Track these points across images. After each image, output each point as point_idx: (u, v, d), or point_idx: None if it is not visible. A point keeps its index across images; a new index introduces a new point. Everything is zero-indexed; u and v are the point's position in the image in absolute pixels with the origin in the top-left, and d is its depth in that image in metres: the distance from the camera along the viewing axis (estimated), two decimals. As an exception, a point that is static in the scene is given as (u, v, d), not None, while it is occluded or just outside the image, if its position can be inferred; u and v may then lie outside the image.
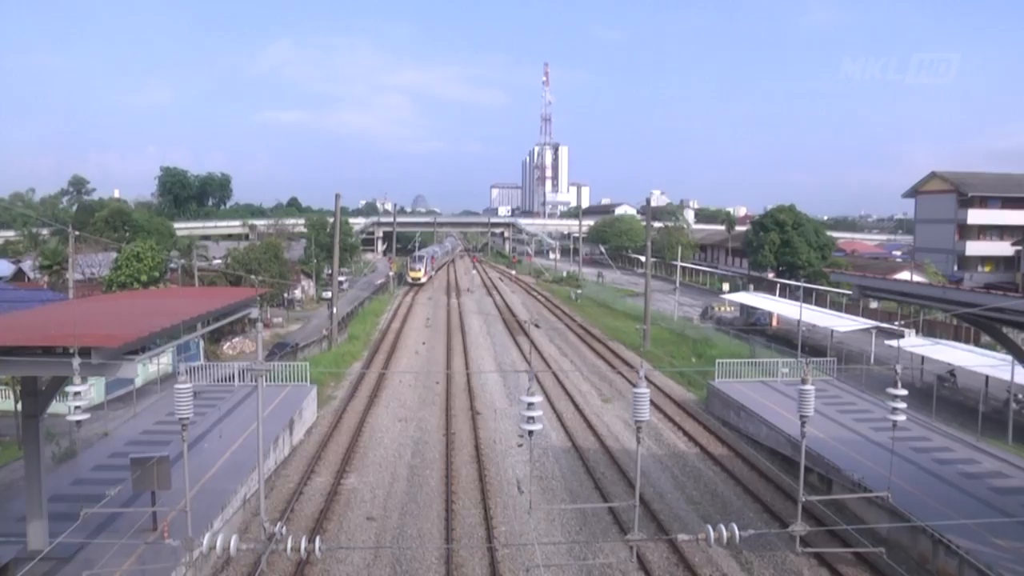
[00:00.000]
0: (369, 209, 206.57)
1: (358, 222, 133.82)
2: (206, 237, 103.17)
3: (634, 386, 10.47)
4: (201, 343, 37.01)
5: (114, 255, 49.80)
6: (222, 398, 25.95)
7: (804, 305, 38.64)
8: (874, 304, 49.59)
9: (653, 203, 62.66)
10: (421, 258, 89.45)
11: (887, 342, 35.21)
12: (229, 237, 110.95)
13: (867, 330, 37.58)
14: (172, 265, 58.92)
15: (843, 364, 31.98)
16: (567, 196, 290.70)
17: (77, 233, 50.28)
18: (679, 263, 61.98)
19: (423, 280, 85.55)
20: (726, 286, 70.36)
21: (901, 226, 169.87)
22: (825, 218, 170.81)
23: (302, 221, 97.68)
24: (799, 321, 37.54)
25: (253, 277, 46.09)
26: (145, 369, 29.70)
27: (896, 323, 40.12)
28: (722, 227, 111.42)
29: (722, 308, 56.44)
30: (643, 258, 65.88)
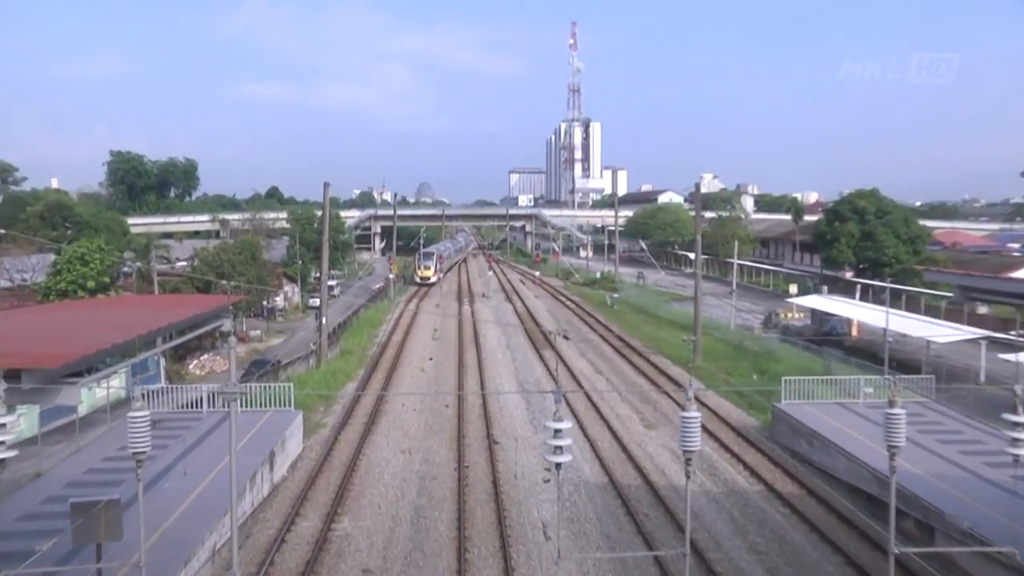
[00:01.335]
0: (364, 200, 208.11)
1: (351, 216, 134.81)
2: (168, 235, 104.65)
3: (682, 409, 10.38)
4: (161, 361, 37.37)
5: (52, 257, 50.45)
6: (187, 427, 26.15)
7: (891, 310, 38.19)
8: (983, 309, 48.97)
9: (704, 189, 62.27)
10: (430, 255, 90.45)
11: (1002, 356, 34.63)
12: (196, 235, 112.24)
13: (974, 341, 37.01)
14: (126, 269, 59.74)
15: (943, 383, 31.51)
16: (600, 182, 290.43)
17: (3, 231, 50.93)
18: (735, 260, 61.55)
19: (433, 280, 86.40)
20: (793, 288, 69.81)
21: (1021, 212, 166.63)
22: (917, 204, 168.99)
23: (284, 215, 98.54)
24: (885, 330, 37.09)
25: (225, 282, 46.53)
26: (91, 394, 30.01)
27: (1015, 332, 39.47)
28: (787, 217, 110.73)
29: (789, 314, 56.09)
30: (692, 255, 65.43)
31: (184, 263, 65.60)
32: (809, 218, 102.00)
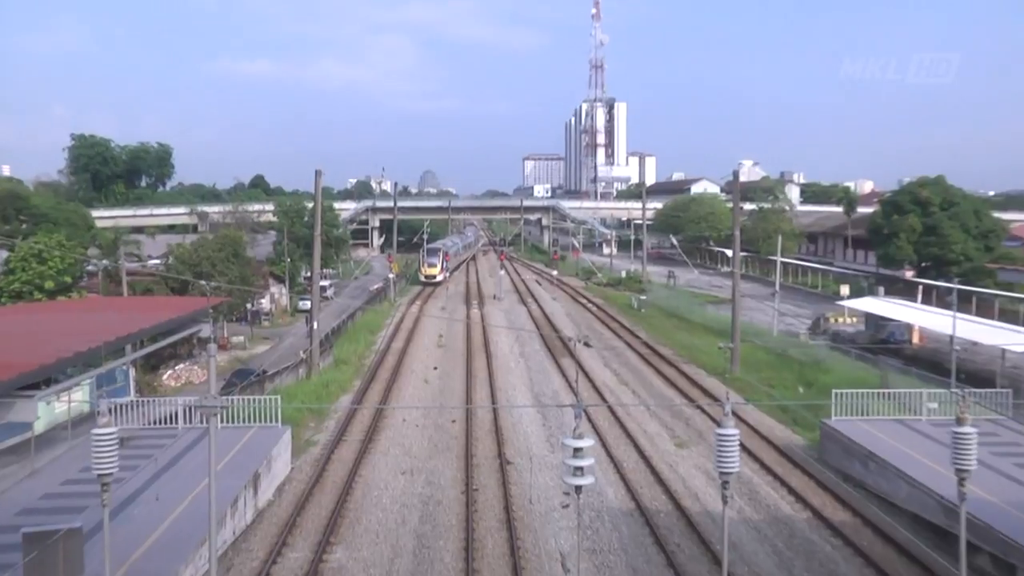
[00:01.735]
0: (361, 191, 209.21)
1: (347, 208, 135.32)
2: (138, 229, 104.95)
3: (718, 425, 10.34)
4: (131, 372, 37.63)
5: (4, 255, 50.79)
6: (160, 446, 26.26)
7: (959, 315, 37.88)
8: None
9: (743, 177, 62.36)
10: (436, 251, 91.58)
11: None
12: (171, 229, 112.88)
13: (1059, 350, 36.71)
14: (90, 267, 60.07)
15: (1022, 398, 31.24)
16: (626, 170, 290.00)
17: None
18: (779, 258, 61.26)
19: (439, 279, 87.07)
20: (845, 289, 69.30)
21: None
22: (991, 194, 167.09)
23: (270, 207, 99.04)
24: (952, 337, 36.79)
25: (204, 283, 46.75)
26: (50, 409, 30.20)
27: None
28: (838, 209, 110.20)
29: (840, 319, 55.84)
30: (729, 252, 65.18)
31: (157, 261, 65.87)
32: (863, 210, 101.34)
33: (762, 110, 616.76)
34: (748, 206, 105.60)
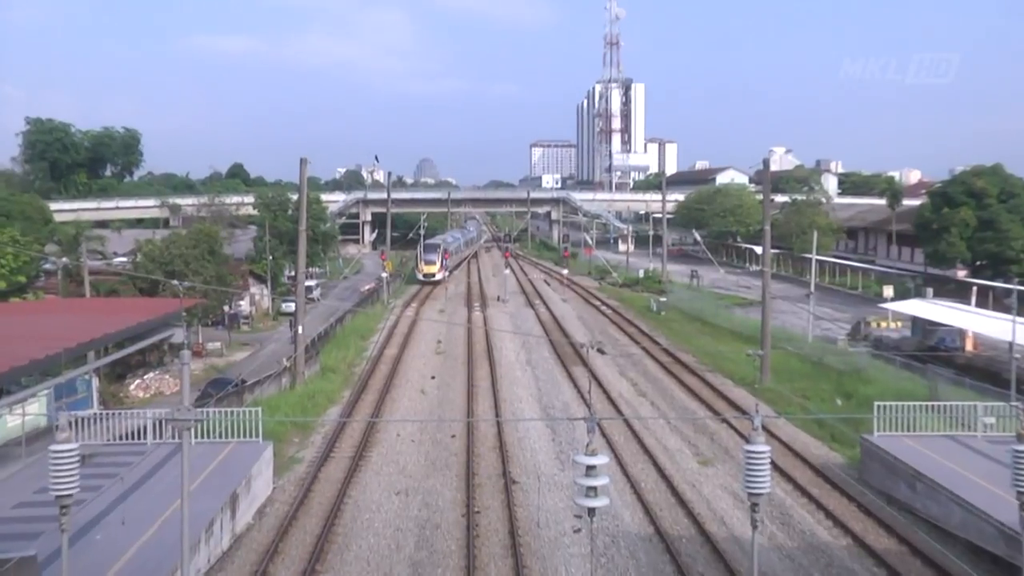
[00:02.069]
0: (351, 180, 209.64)
1: (335, 200, 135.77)
2: (102, 224, 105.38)
3: (747, 441, 10.27)
4: (94, 381, 37.56)
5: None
6: (127, 464, 26.21)
7: (1020, 319, 37.68)
8: None
9: (774, 166, 62.40)
10: (435, 247, 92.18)
11: None
12: (139, 223, 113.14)
13: None
14: (48, 265, 60.22)
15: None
16: (644, 158, 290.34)
17: None
18: (814, 256, 61.13)
19: (438, 277, 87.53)
20: (888, 290, 69.16)
21: None
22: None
23: (250, 199, 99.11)
24: (1011, 344, 36.64)
25: (176, 283, 46.74)
26: (1, 423, 30.17)
27: None
28: (881, 201, 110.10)
29: (883, 324, 55.78)
30: (759, 249, 64.95)
31: (124, 259, 65.99)
32: (909, 202, 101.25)
33: (795, 92, 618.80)
34: (780, 198, 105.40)
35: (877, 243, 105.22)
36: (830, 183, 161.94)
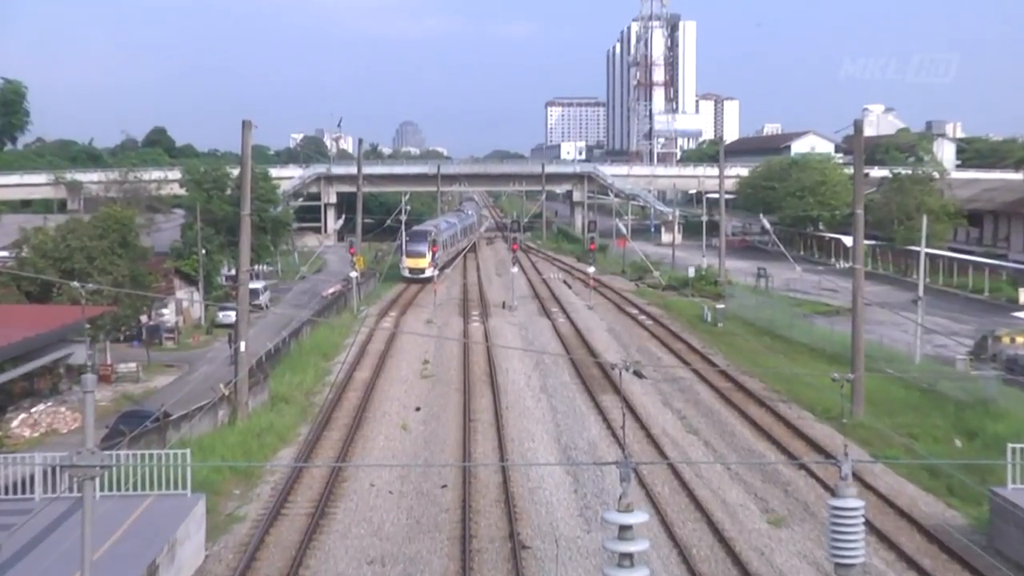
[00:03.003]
0: (310, 151, 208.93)
1: (289, 176, 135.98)
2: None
3: (833, 494, 10.21)
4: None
5: None
6: (7, 525, 26.21)
7: None
8: None
9: (870, 131, 61.70)
10: (425, 235, 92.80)
11: None
12: (25, 206, 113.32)
13: None
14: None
15: None
16: (695, 120, 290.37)
17: None
18: (923, 248, 60.83)
19: (428, 273, 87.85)
20: (1026, 294, 69.12)
21: None
22: None
23: (176, 175, 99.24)
24: None
25: (76, 285, 46.79)
26: None
27: None
28: (1016, 175, 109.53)
29: (1018, 339, 55.52)
30: (849, 240, 64.44)
31: (4, 253, 66.02)
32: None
33: (901, 30, 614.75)
34: (877, 172, 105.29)
35: (1011, 231, 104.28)
36: (946, 152, 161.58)
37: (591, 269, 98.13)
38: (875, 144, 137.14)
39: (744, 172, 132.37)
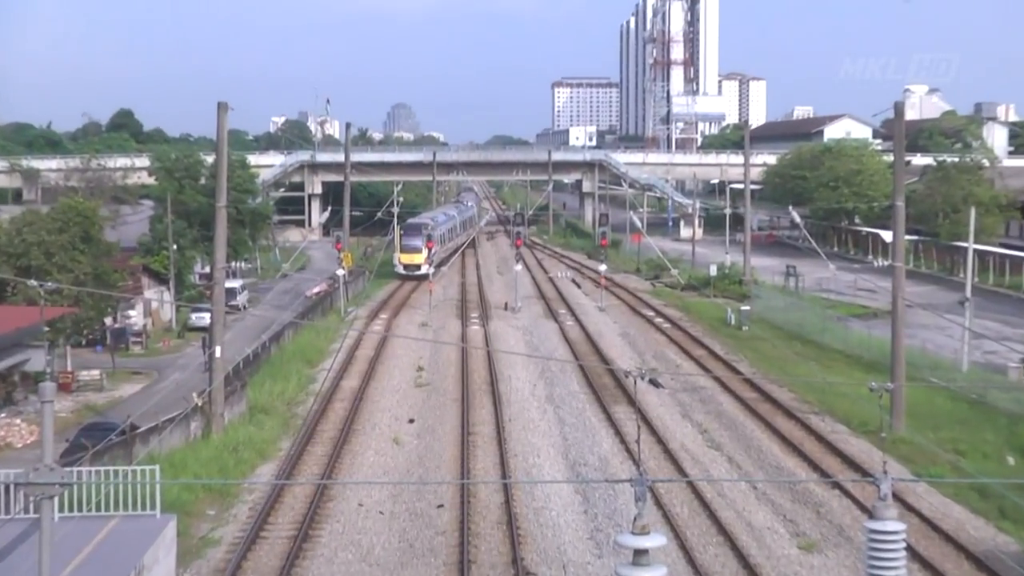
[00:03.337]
0: (293, 136, 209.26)
1: (269, 164, 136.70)
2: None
3: (871, 516, 10.12)
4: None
5: None
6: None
7: None
8: None
9: (914, 114, 61.86)
10: (419, 229, 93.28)
11: None
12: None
13: None
14: None
15: None
16: (717, 102, 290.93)
17: None
18: (971, 244, 60.72)
19: (424, 269, 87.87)
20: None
21: None
22: None
23: (144, 162, 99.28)
24: None
25: (33, 283, 46.78)
26: None
27: None
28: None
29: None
30: (888, 234, 64.28)
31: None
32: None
33: (943, 3, 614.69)
34: (920, 160, 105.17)
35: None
36: (996, 137, 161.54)
37: (602, 267, 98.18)
38: (918, 129, 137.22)
39: (772, 160, 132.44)
